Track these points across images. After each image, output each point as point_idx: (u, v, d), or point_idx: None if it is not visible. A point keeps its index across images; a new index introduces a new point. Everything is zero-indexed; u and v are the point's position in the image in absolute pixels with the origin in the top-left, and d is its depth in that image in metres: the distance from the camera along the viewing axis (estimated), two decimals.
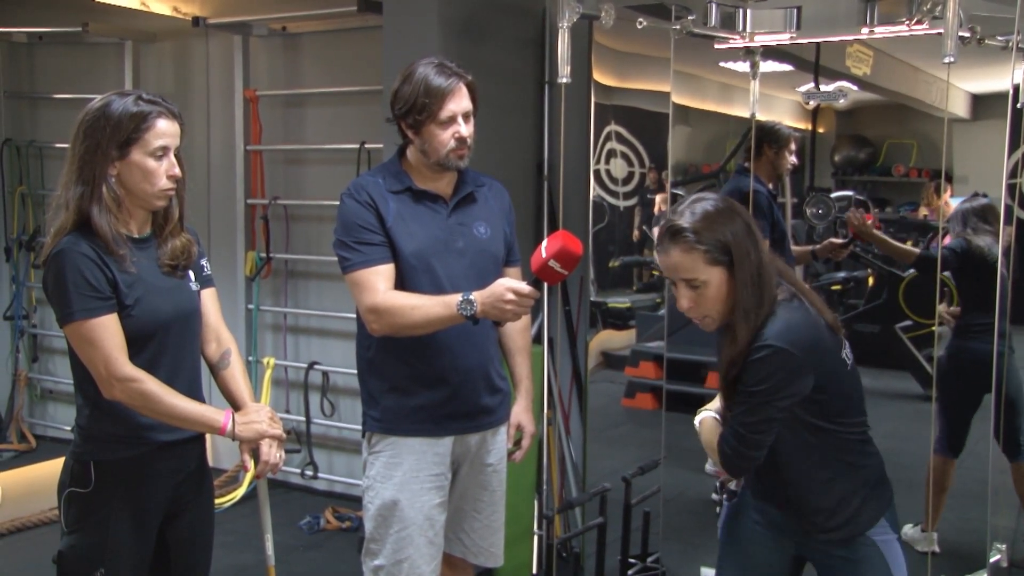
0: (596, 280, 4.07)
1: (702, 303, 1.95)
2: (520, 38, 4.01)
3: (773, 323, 1.90)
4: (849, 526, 2.02)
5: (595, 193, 3.87)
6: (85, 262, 2.01)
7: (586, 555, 3.67)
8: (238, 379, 2.31)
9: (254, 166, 4.81)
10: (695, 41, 3.36)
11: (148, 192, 2.09)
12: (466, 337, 2.42)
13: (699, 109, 4.19)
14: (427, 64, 2.37)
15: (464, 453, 2.52)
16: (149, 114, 2.06)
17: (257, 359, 4.82)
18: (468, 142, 2.39)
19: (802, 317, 1.93)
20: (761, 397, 1.89)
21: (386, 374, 2.45)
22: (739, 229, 1.93)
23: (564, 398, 3.98)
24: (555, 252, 2.14)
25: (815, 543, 2.08)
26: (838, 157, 4.69)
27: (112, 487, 2.11)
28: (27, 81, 5.46)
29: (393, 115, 2.42)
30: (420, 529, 2.43)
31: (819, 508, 2.03)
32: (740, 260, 1.91)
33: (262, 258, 4.74)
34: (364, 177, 2.51)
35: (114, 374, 2.02)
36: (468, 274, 2.42)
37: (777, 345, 1.87)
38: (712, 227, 1.91)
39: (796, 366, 1.88)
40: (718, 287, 1.93)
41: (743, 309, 1.91)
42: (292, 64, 4.79)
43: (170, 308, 2.15)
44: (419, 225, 2.42)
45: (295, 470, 4.74)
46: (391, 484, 2.43)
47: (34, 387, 5.50)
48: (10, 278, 5.37)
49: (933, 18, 2.81)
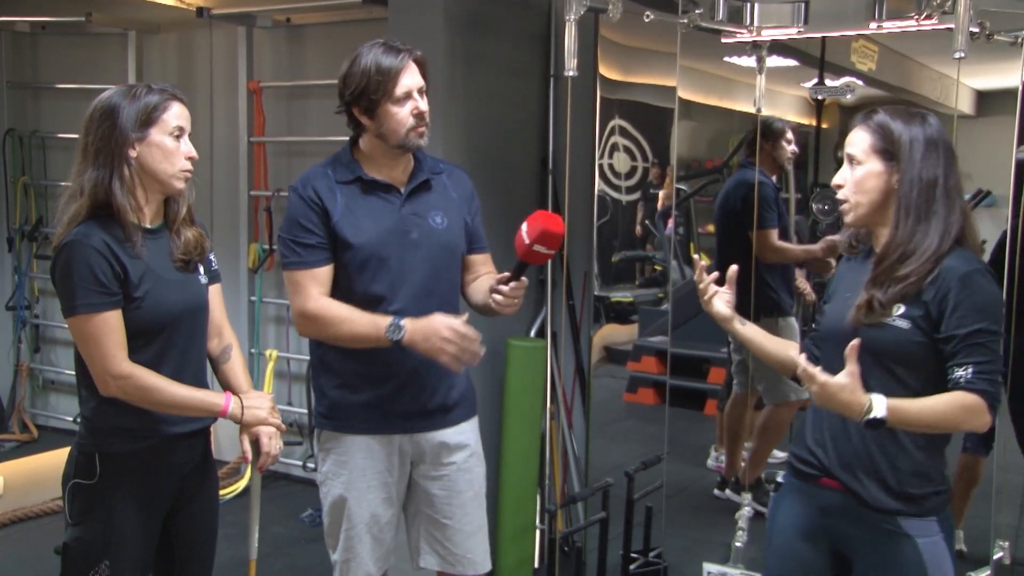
0: (599, 275, 4.06)
1: (854, 187, 1.98)
2: (525, 31, 4.00)
3: (962, 259, 1.90)
4: (917, 503, 1.94)
5: (598, 188, 3.87)
6: (94, 255, 2.00)
7: (588, 550, 3.67)
8: (238, 371, 2.33)
9: (257, 158, 4.81)
10: (700, 36, 3.35)
11: (168, 172, 2.09)
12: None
13: (703, 104, 4.19)
14: (372, 45, 2.30)
15: (420, 453, 2.43)
16: (164, 98, 2.09)
17: (259, 351, 4.82)
18: (427, 118, 2.32)
19: (982, 262, 1.95)
20: (999, 333, 1.86)
21: (335, 370, 2.39)
22: (920, 145, 1.93)
23: (567, 393, 3.98)
24: (537, 236, 2.08)
25: (863, 527, 1.99)
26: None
27: (117, 479, 2.11)
28: (30, 71, 5.44)
29: (343, 103, 2.33)
30: (367, 527, 2.39)
31: (903, 473, 1.94)
32: (907, 166, 1.92)
33: (265, 250, 4.74)
34: (313, 168, 2.41)
35: (110, 371, 2.02)
36: (423, 267, 2.35)
37: (983, 270, 1.89)
38: (896, 124, 1.94)
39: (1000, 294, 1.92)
40: (875, 178, 1.95)
41: (903, 208, 1.92)
42: (296, 56, 4.78)
43: (179, 302, 2.14)
44: (369, 218, 2.33)
45: (297, 462, 4.74)
46: (339, 482, 2.40)
47: (36, 378, 5.50)
48: (12, 268, 5.36)
49: (942, 13, 2.80)
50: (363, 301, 2.32)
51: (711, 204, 4.43)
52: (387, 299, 2.33)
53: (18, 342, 5.38)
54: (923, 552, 1.93)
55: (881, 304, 1.91)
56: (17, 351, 5.39)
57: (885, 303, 1.90)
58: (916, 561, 1.93)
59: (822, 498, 2.04)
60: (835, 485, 2.00)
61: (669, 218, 4.37)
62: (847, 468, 1.98)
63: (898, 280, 1.90)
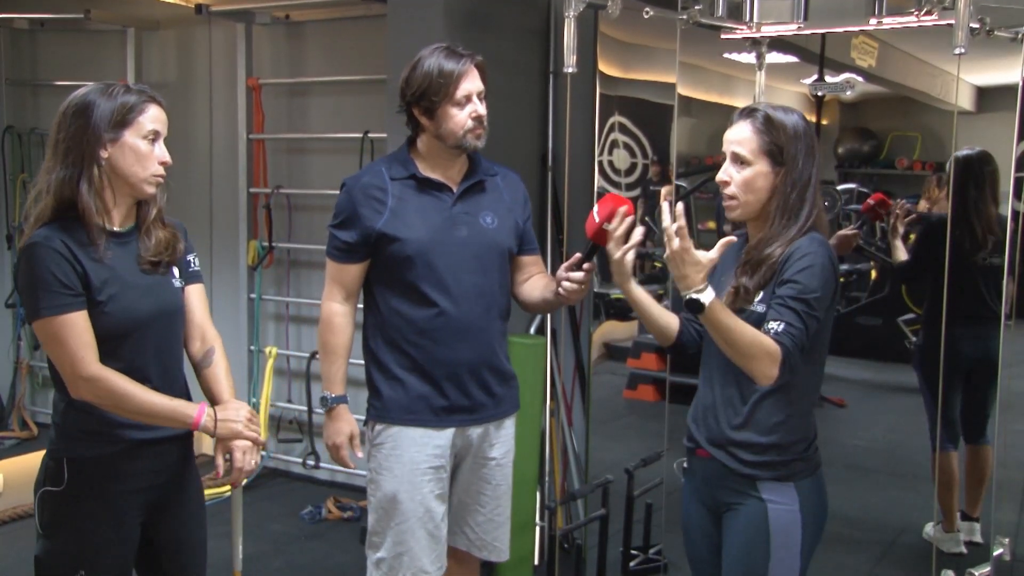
0: (599, 271, 4.06)
1: (740, 185, 2.05)
2: (525, 28, 3.99)
3: (806, 239, 2.00)
4: (772, 468, 2.05)
5: (598, 184, 3.86)
6: (55, 258, 1.94)
7: (588, 547, 3.67)
8: (219, 377, 2.21)
9: (257, 155, 4.80)
10: (700, 32, 3.34)
11: (139, 176, 2.03)
12: (465, 327, 2.41)
13: (703, 100, 4.18)
14: (436, 49, 2.39)
15: (466, 446, 2.51)
16: (141, 99, 2.03)
17: (259, 348, 4.82)
18: (484, 121, 2.40)
19: (829, 245, 2.04)
20: (818, 302, 1.95)
21: (385, 363, 2.46)
22: (802, 146, 2.04)
23: (567, 390, 3.98)
24: (607, 215, 2.11)
25: (728, 491, 2.11)
26: (842, 150, 4.68)
27: (86, 485, 2.05)
28: (29, 68, 5.43)
29: (404, 103, 2.42)
30: (420, 521, 2.43)
31: (756, 445, 2.06)
32: (790, 167, 2.02)
33: (264, 247, 4.73)
34: (368, 167, 2.52)
35: (80, 373, 1.96)
36: (471, 266, 2.42)
37: (822, 252, 1.97)
38: (783, 127, 2.03)
39: (834, 276, 1.99)
40: (763, 178, 2.03)
41: (780, 207, 2.03)
42: (295, 53, 4.78)
43: (149, 306, 2.07)
44: (419, 214, 2.40)
45: (297, 460, 4.75)
46: (391, 477, 2.43)
47: (36, 375, 5.48)
48: (12, 266, 5.36)
49: (943, 9, 2.80)
50: (410, 299, 2.40)
51: (711, 201, 4.42)
52: (434, 297, 2.39)
53: (18, 339, 5.37)
54: (770, 516, 2.05)
55: (747, 291, 2.03)
56: (17, 348, 5.38)
57: (751, 290, 2.02)
58: (760, 524, 2.05)
59: (702, 468, 2.18)
60: (706, 455, 2.15)
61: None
62: (712, 440, 2.13)
63: (758, 266, 2.02)
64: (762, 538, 2.04)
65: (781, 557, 2.04)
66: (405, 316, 2.42)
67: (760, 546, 2.04)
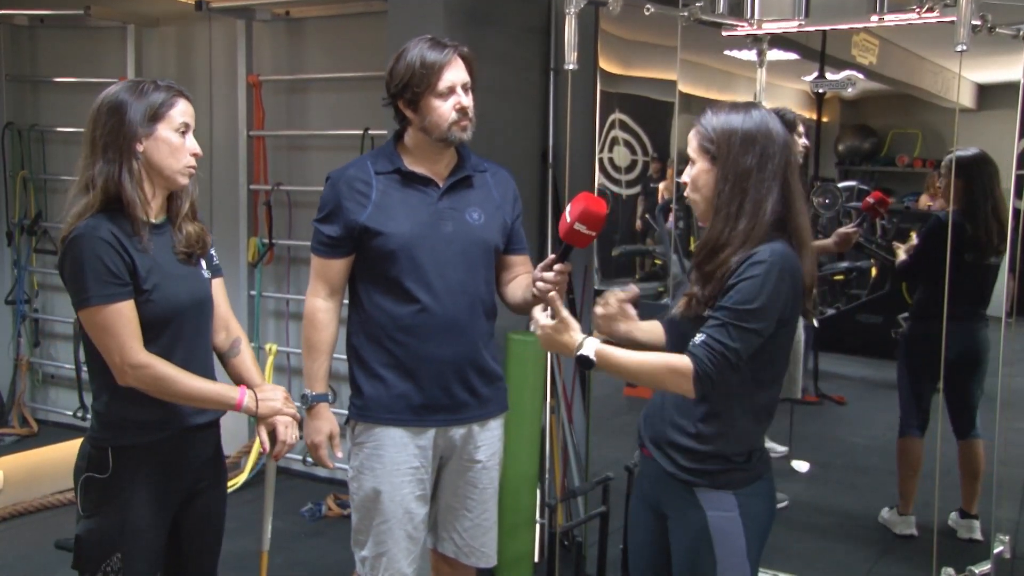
0: (599, 269, 4.06)
1: (690, 183, 2.04)
2: (525, 24, 3.99)
3: (766, 247, 1.91)
4: (710, 477, 2.01)
5: (599, 182, 3.86)
6: (104, 247, 2.01)
7: (588, 544, 3.67)
8: (248, 364, 2.33)
9: (257, 152, 4.80)
10: (701, 29, 3.34)
11: (174, 168, 2.11)
12: (449, 325, 2.37)
13: (703, 98, 4.18)
14: (420, 40, 2.35)
15: (449, 447, 2.47)
16: (170, 94, 2.11)
17: (259, 345, 4.81)
18: (469, 113, 2.35)
19: (793, 256, 1.94)
20: (752, 315, 1.87)
21: (367, 360, 2.43)
22: (738, 140, 1.95)
23: (567, 387, 3.98)
24: (578, 214, 2.08)
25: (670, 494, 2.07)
26: (842, 147, 4.68)
27: (132, 473, 2.11)
28: (29, 65, 5.43)
29: (389, 95, 2.38)
30: (400, 523, 2.41)
31: (695, 452, 2.01)
32: (723, 162, 1.96)
33: (264, 244, 4.73)
34: (353, 161, 2.47)
35: (128, 361, 2.02)
36: (456, 261, 2.38)
37: (773, 260, 1.88)
38: (714, 123, 1.98)
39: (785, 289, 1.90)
40: (704, 175, 2.00)
41: (717, 202, 1.97)
42: (295, 49, 4.77)
43: (186, 295, 2.15)
44: (404, 209, 2.36)
45: (297, 457, 4.74)
46: (372, 477, 2.41)
47: (36, 372, 5.49)
48: (12, 263, 5.36)
49: (944, 6, 2.80)
50: (393, 294, 2.36)
51: None
52: (417, 293, 2.36)
53: (18, 336, 5.37)
54: (711, 524, 2.02)
55: (699, 301, 1.96)
56: (17, 345, 5.38)
57: (703, 300, 1.95)
58: (702, 533, 2.02)
59: (647, 466, 2.16)
60: (649, 455, 2.13)
61: (670, 212, 4.36)
62: (654, 441, 2.11)
63: (710, 276, 1.94)
64: (706, 547, 2.02)
65: (730, 563, 2.02)
66: (388, 312, 2.38)
67: (706, 556, 2.02)
